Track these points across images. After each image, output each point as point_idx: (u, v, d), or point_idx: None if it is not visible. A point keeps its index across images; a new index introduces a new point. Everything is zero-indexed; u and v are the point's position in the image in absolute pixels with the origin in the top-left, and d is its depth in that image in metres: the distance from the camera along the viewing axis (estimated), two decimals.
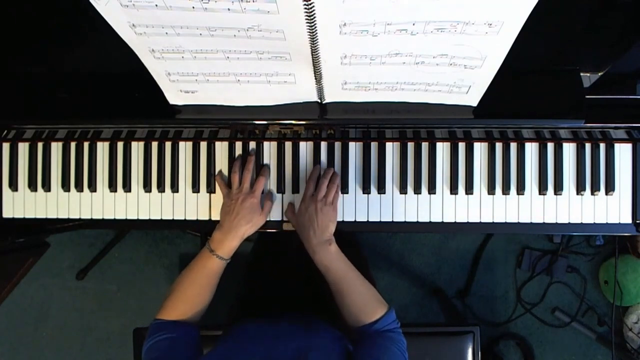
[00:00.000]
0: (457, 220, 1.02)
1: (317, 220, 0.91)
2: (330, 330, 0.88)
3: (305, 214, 0.93)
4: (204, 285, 0.88)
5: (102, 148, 1.05)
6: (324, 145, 1.03)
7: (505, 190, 1.02)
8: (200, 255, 0.90)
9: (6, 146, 1.05)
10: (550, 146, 1.02)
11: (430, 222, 1.02)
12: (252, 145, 1.03)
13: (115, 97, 0.92)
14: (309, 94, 0.84)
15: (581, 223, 1.02)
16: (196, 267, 0.89)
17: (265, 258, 1.30)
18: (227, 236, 0.90)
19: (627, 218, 1.01)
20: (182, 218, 1.04)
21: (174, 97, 0.86)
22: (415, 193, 1.02)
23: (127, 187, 1.04)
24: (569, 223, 1.02)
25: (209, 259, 0.89)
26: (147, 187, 1.04)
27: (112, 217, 1.04)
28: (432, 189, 1.02)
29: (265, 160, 1.03)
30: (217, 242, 0.90)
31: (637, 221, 1.01)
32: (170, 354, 0.79)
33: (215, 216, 1.03)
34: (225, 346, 0.81)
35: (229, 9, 0.62)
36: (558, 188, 1.01)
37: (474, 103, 0.84)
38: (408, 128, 1.00)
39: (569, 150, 1.02)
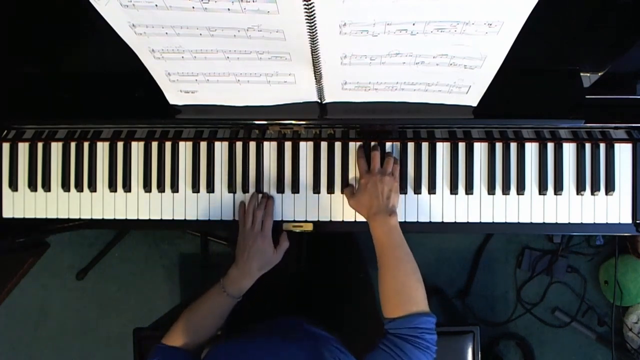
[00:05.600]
0: (457, 221, 1.02)
1: (378, 189, 0.91)
2: (312, 334, 0.87)
3: (365, 188, 0.93)
4: (211, 317, 0.91)
5: (102, 148, 1.05)
6: (324, 145, 1.03)
7: (505, 190, 1.01)
8: (213, 290, 0.93)
9: (6, 146, 1.05)
10: (550, 146, 1.02)
11: (430, 222, 1.02)
12: (252, 145, 1.03)
13: (115, 97, 0.92)
14: (309, 94, 0.84)
15: (581, 223, 1.02)
16: (208, 300, 0.92)
17: None
18: (240, 276, 0.93)
19: (627, 218, 1.01)
20: (182, 218, 1.04)
21: (174, 97, 0.86)
22: (415, 193, 1.02)
23: (127, 187, 1.04)
24: (569, 223, 1.02)
25: (220, 295, 0.91)
26: (147, 187, 1.04)
27: (112, 217, 1.05)
28: (432, 189, 1.02)
29: (265, 160, 1.03)
30: (231, 280, 0.93)
31: (637, 221, 1.01)
32: None
33: (215, 216, 1.03)
34: None
35: (228, 9, 0.62)
36: (558, 188, 1.01)
37: (474, 103, 0.84)
38: (408, 128, 1.00)
39: (569, 150, 1.02)
